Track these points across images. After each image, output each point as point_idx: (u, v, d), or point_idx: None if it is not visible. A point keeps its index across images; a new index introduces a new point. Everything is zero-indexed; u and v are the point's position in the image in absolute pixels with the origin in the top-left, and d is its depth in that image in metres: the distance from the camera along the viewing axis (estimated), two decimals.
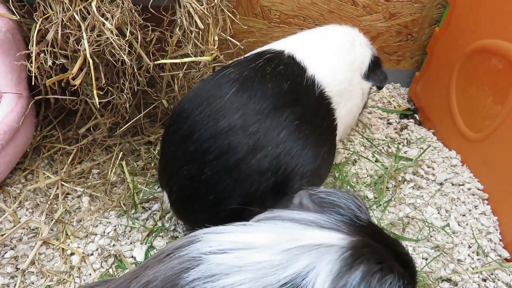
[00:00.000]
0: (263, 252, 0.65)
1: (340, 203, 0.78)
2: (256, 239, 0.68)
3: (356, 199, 0.80)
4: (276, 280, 0.61)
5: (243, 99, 1.04)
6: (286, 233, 0.69)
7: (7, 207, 1.32)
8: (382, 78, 1.54)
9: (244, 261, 0.64)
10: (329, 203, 0.78)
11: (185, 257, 0.67)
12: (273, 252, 0.65)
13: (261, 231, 0.71)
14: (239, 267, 0.63)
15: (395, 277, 0.64)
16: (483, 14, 1.50)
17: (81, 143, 1.52)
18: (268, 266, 0.63)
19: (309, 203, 0.81)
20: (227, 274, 0.62)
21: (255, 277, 0.62)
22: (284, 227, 0.71)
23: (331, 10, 1.83)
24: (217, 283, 0.61)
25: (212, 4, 1.31)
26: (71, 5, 1.18)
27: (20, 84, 1.36)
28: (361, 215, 0.77)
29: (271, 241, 0.67)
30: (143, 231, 1.30)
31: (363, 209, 0.79)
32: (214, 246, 0.67)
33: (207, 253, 0.66)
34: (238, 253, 0.65)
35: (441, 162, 1.62)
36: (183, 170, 1.05)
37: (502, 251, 1.30)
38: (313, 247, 0.65)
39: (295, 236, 0.68)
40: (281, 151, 1.03)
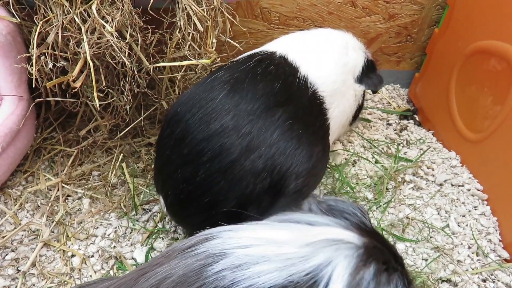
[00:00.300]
0: (289, 246, 0.70)
1: (347, 211, 0.84)
2: (279, 236, 0.73)
3: (361, 209, 0.86)
4: (302, 269, 0.66)
5: (234, 100, 1.05)
6: (308, 230, 0.75)
7: (8, 209, 1.33)
8: (377, 81, 1.54)
9: (272, 252, 0.68)
10: (337, 210, 0.84)
11: (204, 254, 0.70)
12: (299, 245, 0.70)
13: (283, 229, 0.76)
14: (267, 257, 0.67)
15: (399, 276, 0.72)
16: (482, 15, 1.51)
17: (82, 145, 1.52)
18: (294, 257, 0.68)
19: (318, 210, 0.86)
20: (256, 263, 0.66)
21: (283, 266, 0.67)
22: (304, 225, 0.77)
23: (330, 12, 1.83)
24: (247, 271, 0.65)
25: (212, 6, 1.31)
26: (72, 8, 1.18)
27: (21, 86, 1.36)
28: (367, 222, 0.83)
29: (295, 237, 0.72)
30: (143, 233, 1.30)
31: (367, 217, 0.86)
32: (237, 241, 0.71)
33: (231, 248, 0.70)
34: (264, 247, 0.70)
35: (441, 163, 1.63)
36: (178, 173, 1.05)
37: (502, 252, 1.30)
38: (333, 242, 0.71)
39: (317, 231, 0.74)
40: (275, 151, 1.04)
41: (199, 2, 1.30)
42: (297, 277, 0.66)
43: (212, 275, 0.66)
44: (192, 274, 0.67)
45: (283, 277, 0.65)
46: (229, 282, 0.65)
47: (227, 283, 0.65)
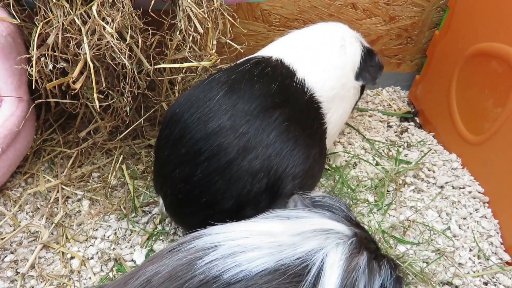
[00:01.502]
0: (279, 235, 0.74)
1: (334, 206, 0.88)
2: (270, 228, 0.76)
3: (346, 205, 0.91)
4: (292, 254, 0.70)
5: (231, 100, 1.05)
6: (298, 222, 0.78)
7: (7, 210, 1.32)
8: (376, 69, 1.51)
9: (261, 241, 0.72)
10: (323, 205, 0.88)
11: (194, 249, 0.72)
12: (289, 234, 0.74)
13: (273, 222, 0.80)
14: (257, 245, 0.71)
15: (386, 263, 0.78)
16: (483, 17, 1.51)
17: (82, 147, 1.52)
18: (285, 244, 0.72)
19: (303, 207, 0.89)
20: (246, 251, 0.70)
21: (273, 252, 0.70)
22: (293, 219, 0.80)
23: (331, 14, 1.83)
24: (238, 258, 0.68)
25: (212, 8, 1.31)
26: (72, 9, 1.18)
27: (21, 88, 1.36)
28: (352, 217, 0.88)
29: (285, 228, 0.76)
30: (143, 235, 1.29)
31: (352, 213, 0.90)
32: (228, 235, 0.74)
33: (222, 240, 0.73)
34: (256, 237, 0.73)
35: (442, 165, 1.62)
36: (176, 173, 1.05)
37: (503, 255, 1.30)
38: (323, 231, 0.75)
39: (308, 222, 0.78)
40: (272, 152, 1.04)
41: (200, 3, 1.30)
42: (288, 260, 0.69)
43: (203, 266, 0.68)
44: (182, 268, 0.69)
45: (274, 261, 0.69)
46: (220, 270, 0.67)
47: (217, 271, 0.67)
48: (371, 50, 1.53)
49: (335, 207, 0.87)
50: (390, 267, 0.77)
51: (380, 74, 1.56)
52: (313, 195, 0.92)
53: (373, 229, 1.34)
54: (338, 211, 0.85)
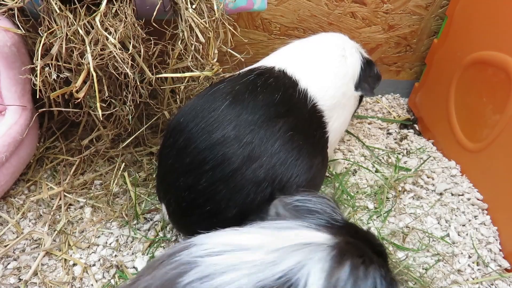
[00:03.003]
0: (256, 252, 0.69)
1: (316, 209, 0.83)
2: (248, 241, 0.72)
3: (330, 202, 0.85)
4: (270, 274, 0.65)
5: (235, 111, 1.06)
6: (276, 235, 0.73)
7: (10, 218, 1.33)
8: (374, 80, 1.55)
9: (239, 260, 0.67)
10: (305, 209, 0.83)
11: (179, 262, 0.70)
12: (266, 251, 0.69)
13: (252, 234, 0.75)
14: (234, 265, 0.67)
15: (376, 267, 0.71)
16: (480, 26, 1.53)
17: (84, 154, 1.53)
18: (262, 263, 0.67)
19: (285, 212, 0.85)
20: (223, 272, 0.66)
21: (250, 273, 0.66)
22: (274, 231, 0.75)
23: (330, 22, 1.85)
24: (214, 281, 0.65)
25: (213, 18, 1.33)
26: (76, 20, 1.20)
27: (24, 96, 1.37)
28: (337, 217, 0.83)
29: (263, 242, 0.71)
30: (144, 242, 1.30)
31: (338, 210, 0.85)
32: (208, 249, 0.70)
33: (202, 255, 0.69)
34: (232, 254, 0.69)
35: (441, 172, 1.63)
36: (180, 182, 1.06)
37: (502, 261, 1.31)
38: (303, 246, 0.70)
39: (286, 236, 0.72)
40: (276, 162, 1.05)
41: (201, 14, 1.32)
42: (268, 281, 0.65)
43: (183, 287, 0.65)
44: (167, 284, 0.67)
45: (253, 283, 0.65)
46: None
47: None
48: (370, 61, 1.56)
49: (318, 210, 0.83)
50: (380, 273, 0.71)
51: (378, 84, 1.60)
52: (294, 199, 0.87)
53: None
54: (321, 214, 0.81)
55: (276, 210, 0.87)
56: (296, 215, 0.82)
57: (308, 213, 0.82)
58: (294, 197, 0.87)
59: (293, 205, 0.85)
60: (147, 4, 1.27)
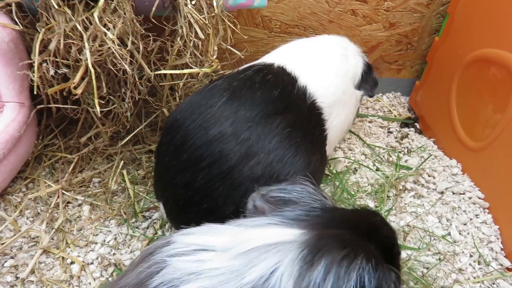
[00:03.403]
0: (221, 256, 0.63)
1: (292, 198, 0.77)
2: (216, 242, 0.67)
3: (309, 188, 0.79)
4: (238, 285, 0.59)
5: (233, 107, 1.05)
6: (246, 234, 0.67)
7: (7, 215, 1.32)
8: (372, 85, 1.56)
9: (203, 266, 0.62)
10: (280, 200, 0.77)
11: (153, 261, 0.68)
12: (231, 256, 0.63)
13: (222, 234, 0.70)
14: (198, 273, 0.62)
15: (362, 260, 0.60)
16: (482, 23, 1.51)
17: (82, 152, 1.52)
18: (227, 272, 0.61)
19: (263, 204, 0.80)
20: (186, 280, 0.62)
21: (214, 284, 0.60)
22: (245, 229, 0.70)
23: (331, 20, 1.84)
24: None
25: (213, 14, 1.32)
26: (74, 16, 1.19)
27: (22, 93, 1.36)
28: (316, 204, 0.75)
29: (231, 243, 0.65)
30: (143, 240, 1.29)
31: (319, 196, 0.77)
32: (178, 248, 0.67)
33: (172, 255, 0.66)
34: (199, 255, 0.65)
35: (442, 171, 1.62)
36: (177, 179, 1.05)
37: (504, 260, 1.30)
38: (271, 247, 0.62)
39: (252, 236, 0.66)
40: (273, 158, 1.04)
41: (200, 10, 1.31)
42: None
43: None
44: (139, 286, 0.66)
45: None
46: None
47: None
48: (370, 66, 1.57)
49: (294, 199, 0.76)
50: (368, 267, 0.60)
51: (375, 90, 1.62)
52: (269, 189, 0.81)
53: None
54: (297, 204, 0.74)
55: (253, 203, 0.82)
56: (274, 207, 0.77)
57: (283, 204, 0.76)
58: (270, 187, 0.82)
59: (270, 196, 0.80)
60: (146, 0, 1.26)
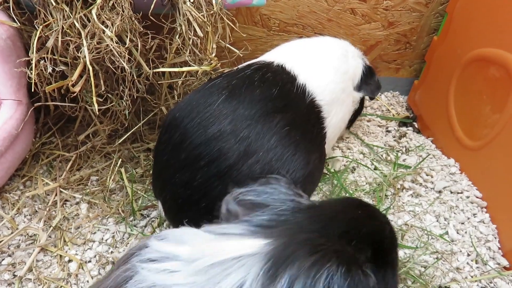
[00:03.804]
0: (185, 268, 0.60)
1: (262, 201, 0.73)
2: (184, 252, 0.63)
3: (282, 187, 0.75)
4: None
5: (232, 105, 1.05)
6: (208, 245, 0.63)
7: (5, 213, 1.32)
8: (374, 88, 1.56)
9: (167, 280, 0.60)
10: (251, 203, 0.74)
11: (129, 265, 0.66)
12: (194, 270, 0.59)
13: (188, 241, 0.66)
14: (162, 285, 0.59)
15: (332, 266, 0.56)
16: (481, 23, 1.52)
17: (80, 150, 1.52)
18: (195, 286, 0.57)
19: (236, 208, 0.77)
20: None
21: None
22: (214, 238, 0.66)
23: (330, 19, 1.84)
24: None
25: (211, 12, 1.31)
26: (72, 13, 1.18)
27: (20, 91, 1.36)
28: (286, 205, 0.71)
29: (194, 253, 0.62)
30: (141, 238, 1.29)
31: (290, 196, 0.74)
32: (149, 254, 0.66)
33: (143, 261, 0.65)
34: (164, 264, 0.63)
35: (440, 170, 1.63)
36: (176, 178, 1.05)
37: (501, 259, 1.30)
38: (234, 261, 0.58)
39: (216, 247, 0.61)
40: (272, 157, 1.03)
41: (199, 8, 1.30)
42: None
43: None
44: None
45: None
46: None
47: None
48: (372, 69, 1.58)
49: (263, 203, 0.72)
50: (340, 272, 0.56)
51: (377, 93, 1.62)
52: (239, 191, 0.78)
53: None
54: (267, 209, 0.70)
55: (226, 207, 0.78)
56: (245, 211, 0.73)
57: (254, 207, 0.72)
58: (243, 189, 0.78)
59: (241, 199, 0.76)
60: None
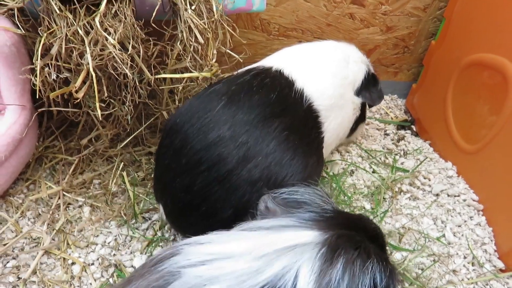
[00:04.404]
0: (240, 261, 0.66)
1: (304, 200, 0.80)
2: (232, 249, 0.69)
3: (318, 191, 0.82)
4: (254, 284, 0.62)
5: (231, 111, 1.07)
6: (261, 240, 0.70)
7: (9, 217, 1.34)
8: (375, 96, 1.56)
9: (221, 271, 0.65)
10: (293, 201, 0.81)
11: (163, 272, 0.68)
12: (250, 259, 0.65)
13: (237, 240, 0.72)
14: (215, 277, 0.64)
15: (374, 260, 0.66)
16: (478, 29, 1.54)
17: (83, 154, 1.54)
18: (245, 273, 0.64)
19: (275, 206, 0.83)
20: (204, 285, 0.63)
21: (232, 284, 0.63)
22: (259, 235, 0.72)
23: (329, 23, 1.86)
24: None
25: (212, 19, 1.34)
26: (75, 20, 1.20)
27: (24, 96, 1.38)
28: (327, 206, 0.79)
29: (247, 249, 0.68)
30: (143, 241, 1.31)
31: (327, 199, 0.82)
32: (192, 258, 0.68)
33: (185, 266, 0.67)
34: (215, 264, 0.66)
35: (437, 173, 1.65)
36: (176, 183, 1.07)
37: (497, 262, 1.32)
38: (288, 249, 0.66)
39: (270, 240, 0.69)
40: (271, 161, 1.06)
41: (200, 15, 1.32)
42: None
43: None
44: None
45: None
46: None
47: None
48: (375, 77, 1.57)
49: (306, 200, 0.79)
50: (380, 264, 0.66)
51: (378, 102, 1.61)
52: (281, 191, 0.85)
53: None
54: (310, 205, 0.78)
55: (265, 205, 0.85)
56: (285, 209, 0.80)
57: (296, 205, 0.79)
58: (282, 189, 0.85)
59: (281, 198, 0.82)
60: (147, 5, 1.28)
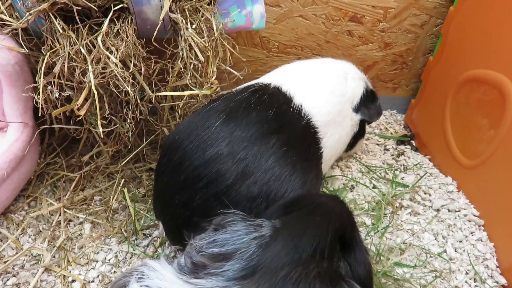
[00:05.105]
0: None
1: (228, 251, 0.73)
2: None
3: (239, 224, 0.76)
4: None
5: (229, 128, 1.09)
6: None
7: (10, 233, 1.34)
8: (374, 113, 1.57)
9: None
10: (218, 255, 0.74)
11: None
12: None
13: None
14: None
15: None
16: (474, 45, 1.56)
17: (84, 170, 1.55)
18: None
19: (202, 259, 0.76)
20: None
21: None
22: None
23: (327, 40, 1.89)
24: None
25: (213, 37, 1.36)
26: (78, 39, 1.23)
27: (26, 113, 1.40)
28: (250, 248, 0.72)
29: None
30: (143, 258, 1.31)
31: (252, 228, 0.74)
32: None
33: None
34: None
35: (438, 189, 1.65)
36: (175, 199, 1.08)
37: (499, 278, 1.31)
38: None
39: None
40: (270, 177, 1.06)
41: (201, 33, 1.35)
42: None
43: None
44: None
45: None
46: None
47: None
48: (374, 94, 1.59)
49: (230, 251, 0.72)
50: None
51: (377, 118, 1.62)
52: (203, 243, 0.77)
53: (371, 252, 1.36)
54: (235, 257, 0.71)
55: (191, 260, 0.77)
56: (212, 262, 0.73)
57: (222, 259, 0.72)
58: (202, 240, 0.78)
59: (205, 251, 0.75)
60: (148, 24, 1.30)
